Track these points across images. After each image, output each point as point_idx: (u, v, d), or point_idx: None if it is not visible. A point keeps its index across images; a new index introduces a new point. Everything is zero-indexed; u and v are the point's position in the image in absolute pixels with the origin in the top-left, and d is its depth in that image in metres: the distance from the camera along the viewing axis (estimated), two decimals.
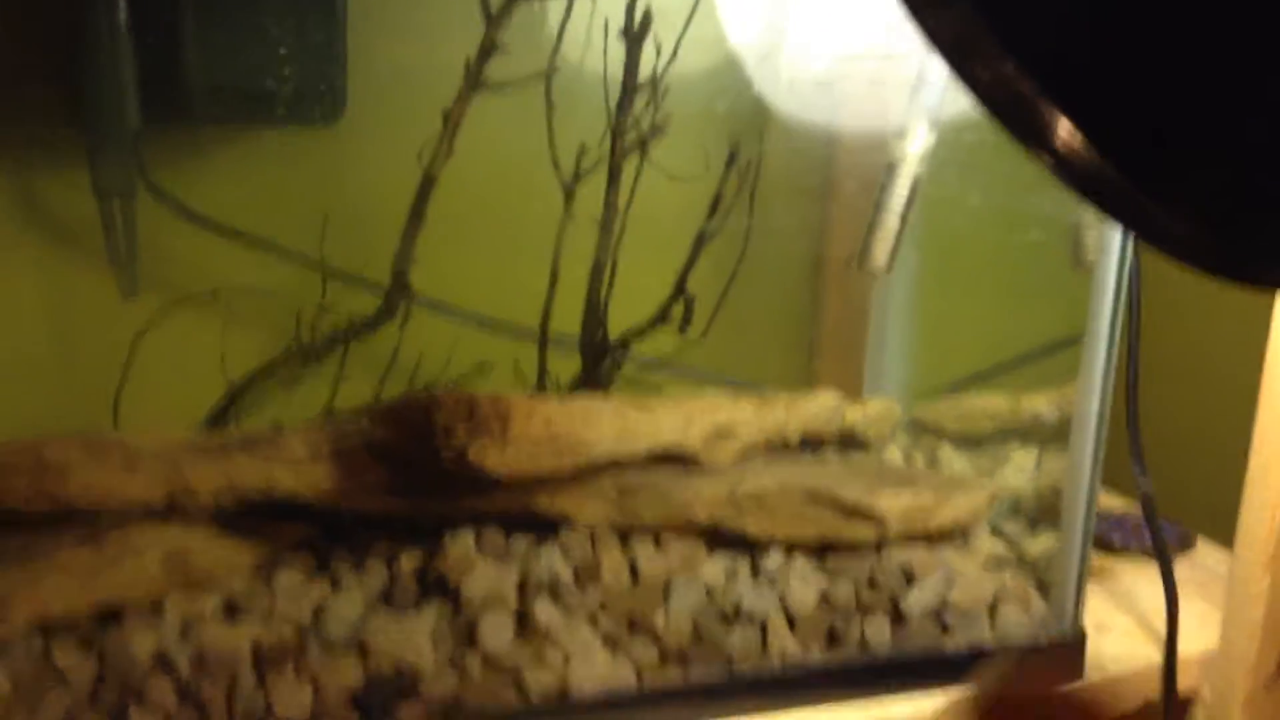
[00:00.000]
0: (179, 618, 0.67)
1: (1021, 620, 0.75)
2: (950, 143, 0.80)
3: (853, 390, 0.98)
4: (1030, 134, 0.43)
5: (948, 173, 0.80)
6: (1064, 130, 0.43)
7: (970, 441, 0.92)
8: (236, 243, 0.84)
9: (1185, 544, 0.98)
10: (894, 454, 0.91)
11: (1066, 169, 0.44)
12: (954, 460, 0.90)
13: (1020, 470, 0.88)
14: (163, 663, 0.63)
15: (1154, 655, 0.79)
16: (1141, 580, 0.91)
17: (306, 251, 0.83)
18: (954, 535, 0.79)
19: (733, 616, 0.71)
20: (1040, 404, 0.89)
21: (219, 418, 0.80)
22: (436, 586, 0.70)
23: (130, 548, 0.66)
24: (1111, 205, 0.45)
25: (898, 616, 0.73)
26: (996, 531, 0.83)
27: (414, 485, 0.71)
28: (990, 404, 0.90)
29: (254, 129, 0.86)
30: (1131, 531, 0.96)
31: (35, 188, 0.82)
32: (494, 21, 0.76)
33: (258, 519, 0.72)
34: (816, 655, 0.72)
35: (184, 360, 0.82)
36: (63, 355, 0.83)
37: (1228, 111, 0.44)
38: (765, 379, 0.98)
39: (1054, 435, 0.88)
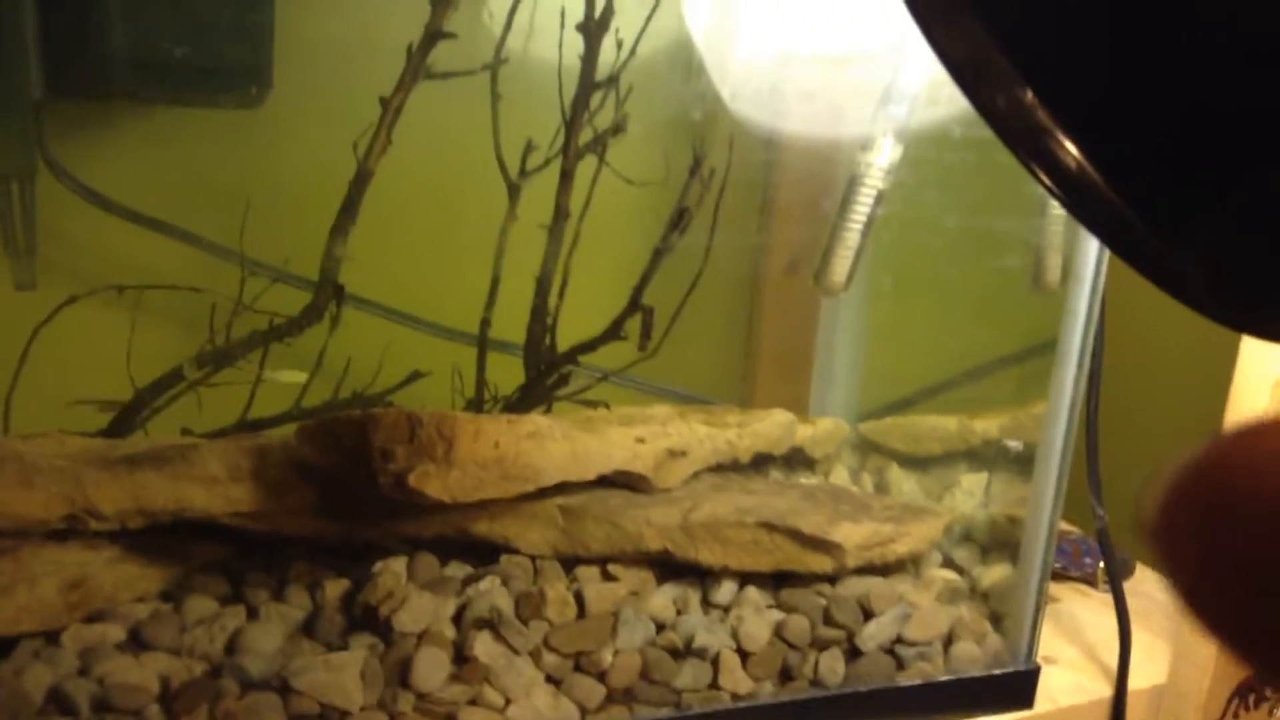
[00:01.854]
0: (78, 649, 0.60)
1: (975, 654, 0.73)
2: (912, 157, 0.77)
3: (795, 405, 0.95)
4: (1043, 165, 0.40)
5: (909, 188, 0.77)
6: (1079, 165, 0.40)
7: (918, 462, 0.89)
8: (147, 230, 0.77)
9: (1125, 570, 0.97)
10: (841, 473, 0.88)
11: (1079, 204, 0.41)
12: (902, 482, 0.88)
13: (969, 495, 0.86)
14: (59, 701, 0.57)
15: (1102, 687, 0.78)
16: (1084, 608, 0.89)
17: (225, 242, 0.77)
18: (908, 564, 0.76)
19: (683, 651, 0.67)
20: (990, 427, 0.86)
21: (123, 423, 0.73)
22: (365, 618, 0.64)
23: (24, 575, 0.60)
24: (1123, 244, 0.42)
25: (853, 651, 0.70)
26: (947, 560, 0.81)
27: (343, 508, 0.65)
28: (939, 425, 0.88)
29: (170, 107, 0.78)
30: (1071, 556, 0.95)
31: None
32: (441, 3, 0.70)
33: (164, 537, 0.66)
34: (769, 691, 0.68)
35: (85, 358, 0.75)
36: None
37: (1255, 157, 0.42)
38: (705, 390, 0.94)
39: (1002, 460, 0.86)
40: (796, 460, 0.87)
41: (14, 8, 0.72)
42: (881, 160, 0.75)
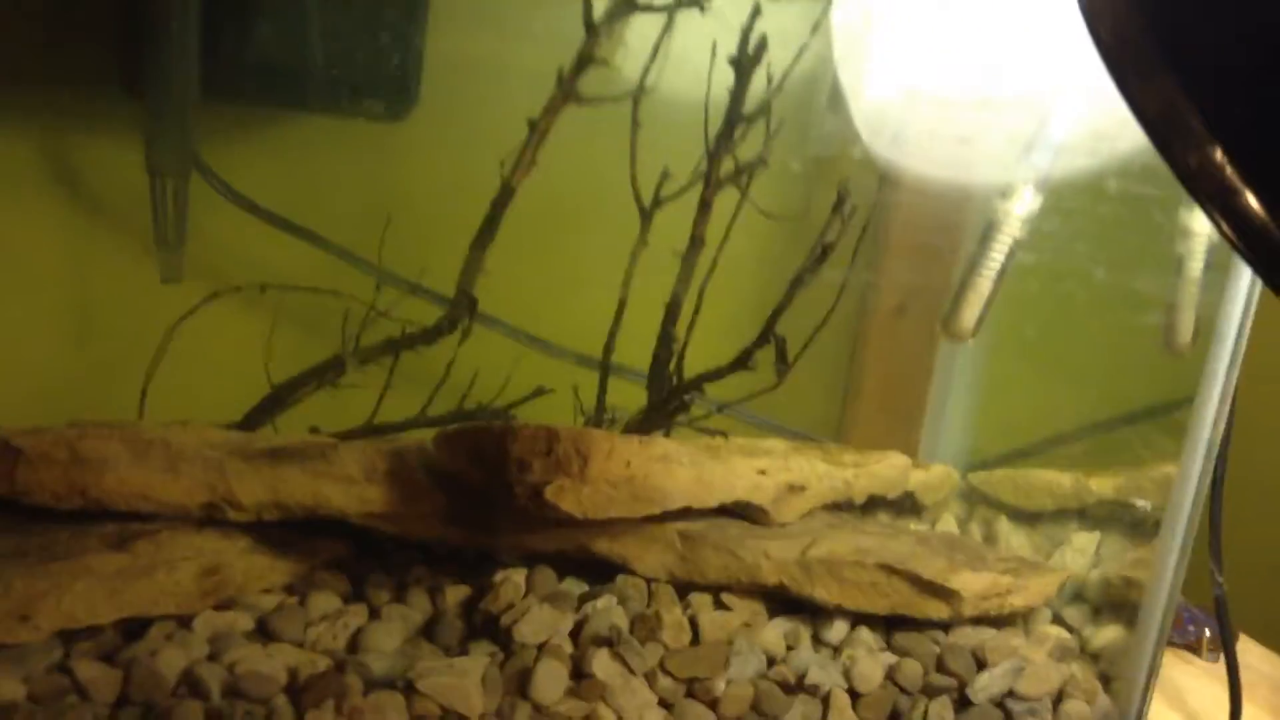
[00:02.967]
0: (208, 635, 0.62)
1: (1085, 714, 0.72)
2: (1051, 207, 0.77)
3: (899, 449, 0.94)
4: (1232, 223, 0.40)
5: (1046, 237, 0.77)
6: (1265, 223, 0.40)
7: (1026, 516, 0.88)
8: (289, 235, 0.79)
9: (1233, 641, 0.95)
10: (949, 521, 0.87)
11: (1265, 263, 0.41)
12: (1011, 535, 0.87)
13: (1080, 553, 0.85)
14: (191, 684, 0.58)
15: None
16: (1186, 675, 0.88)
17: (362, 251, 0.79)
18: (1020, 618, 0.76)
19: (794, 687, 0.67)
20: (1106, 486, 0.85)
21: (256, 418, 0.74)
22: (485, 626, 0.65)
23: (163, 557, 0.61)
24: None
25: (963, 701, 0.69)
26: (1057, 618, 0.80)
27: (473, 517, 0.66)
28: (1053, 480, 0.87)
29: (319, 116, 0.81)
30: (1179, 624, 0.93)
31: (84, 159, 0.77)
32: (594, 31, 0.72)
33: (292, 532, 0.68)
34: None
35: (221, 353, 0.77)
36: (99, 337, 0.77)
37: None
38: (800, 427, 0.94)
39: (1115, 520, 0.85)
40: (904, 505, 0.86)
41: (179, 13, 0.75)
42: (1020, 209, 0.74)
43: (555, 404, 0.78)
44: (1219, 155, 0.40)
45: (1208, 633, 0.93)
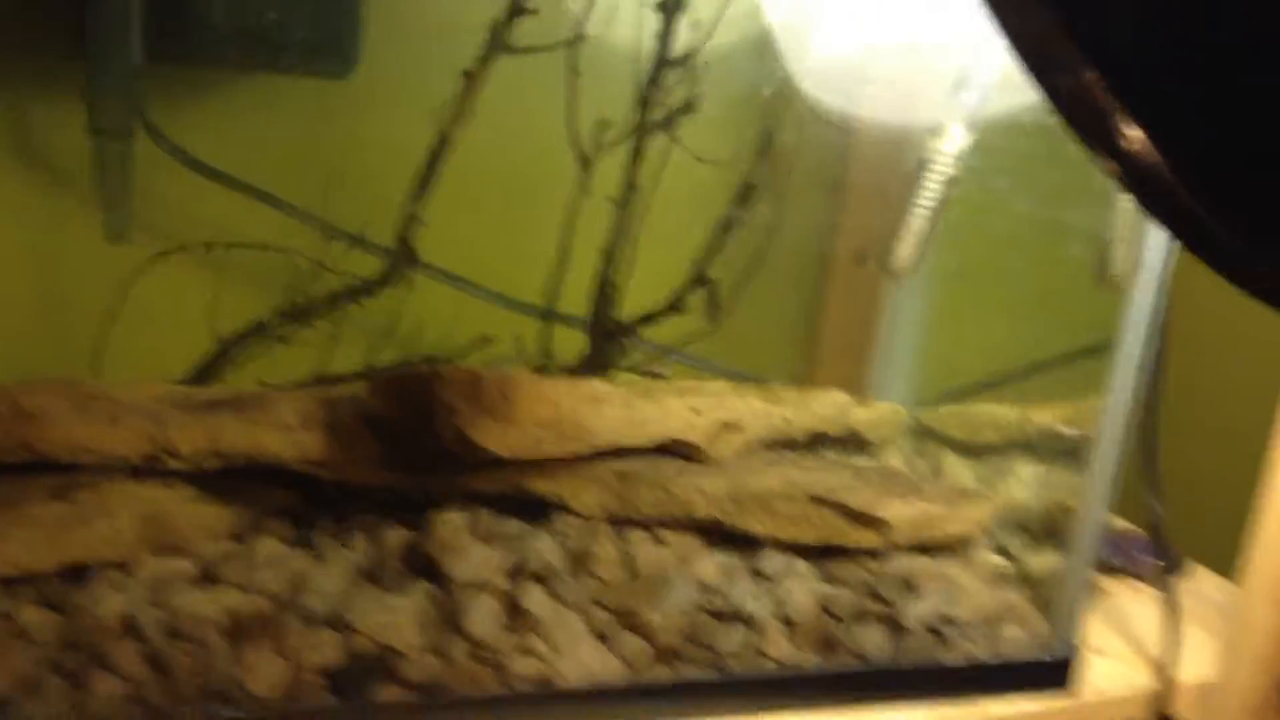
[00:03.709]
0: (150, 581, 0.64)
1: (1020, 638, 0.73)
2: (983, 145, 0.78)
3: (855, 389, 0.95)
4: (1103, 143, 0.41)
5: (979, 175, 0.78)
6: (1137, 142, 0.41)
7: (974, 451, 0.90)
8: (234, 192, 0.80)
9: (1179, 568, 0.96)
10: (896, 458, 0.89)
11: (1136, 181, 0.41)
12: (958, 469, 0.88)
13: (1024, 484, 0.86)
14: (131, 627, 0.60)
15: (1146, 679, 0.78)
16: (1134, 602, 0.89)
17: (308, 207, 0.80)
18: (956, 547, 0.77)
19: (728, 616, 0.68)
20: (1049, 418, 0.87)
21: (205, 373, 0.76)
22: (424, 566, 0.67)
23: (104, 506, 0.63)
24: (1176, 221, 0.43)
25: (897, 627, 0.71)
26: (998, 546, 0.81)
27: (408, 460, 0.68)
28: (997, 414, 0.88)
29: (263, 75, 0.82)
30: (1131, 554, 0.95)
31: (28, 120, 0.78)
32: None
33: (237, 481, 0.69)
34: (812, 660, 0.69)
35: (171, 311, 0.78)
36: (45, 297, 0.79)
37: None
38: (764, 372, 0.96)
39: (1061, 451, 0.86)
40: (852, 443, 0.88)
41: None
42: (950, 147, 0.75)
43: (499, 353, 0.79)
44: (1094, 78, 0.41)
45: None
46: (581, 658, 0.65)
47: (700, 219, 0.84)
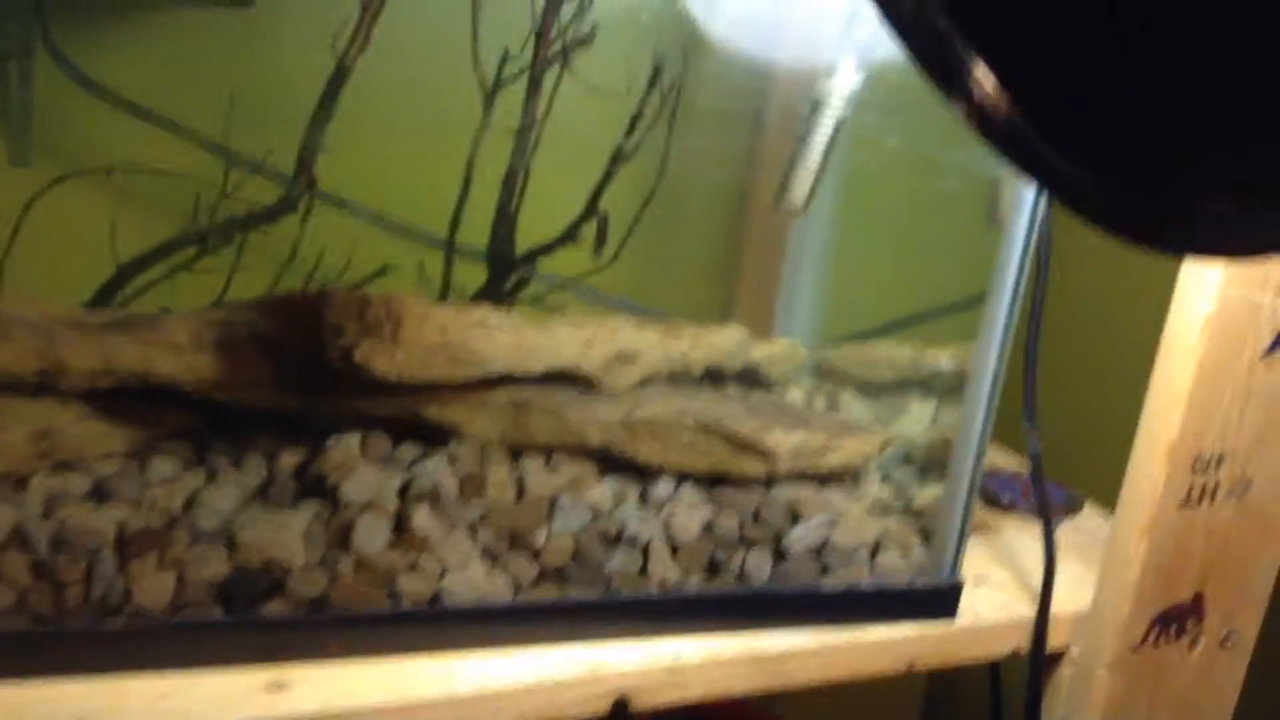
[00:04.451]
0: (43, 495, 0.64)
1: (900, 565, 0.76)
2: (878, 84, 0.79)
3: (766, 329, 0.98)
4: (947, 76, 0.43)
5: (871, 116, 0.80)
6: (979, 75, 0.43)
7: (872, 389, 0.92)
8: (137, 118, 0.81)
9: (1073, 507, 1.00)
10: (796, 395, 0.91)
11: (979, 116, 0.43)
12: (853, 406, 0.91)
13: (916, 421, 0.89)
14: (20, 538, 0.61)
15: (1026, 608, 0.81)
16: (1025, 539, 0.92)
17: (210, 134, 0.80)
18: (844, 478, 0.80)
19: (615, 539, 0.70)
20: (942, 357, 0.89)
21: (105, 297, 0.77)
22: (315, 486, 0.68)
23: None
24: (1019, 156, 0.45)
25: (779, 553, 0.73)
26: (887, 479, 0.84)
27: (301, 382, 0.69)
28: (893, 353, 0.91)
29: (168, 3, 0.82)
30: (1022, 492, 0.98)
31: None
32: None
33: (136, 403, 0.70)
34: (695, 583, 0.72)
35: (73, 236, 0.79)
36: None
37: (1134, 65, 0.44)
38: (680, 311, 0.97)
39: (953, 389, 0.89)
40: (753, 379, 0.90)
41: None
42: (842, 86, 0.77)
43: (400, 283, 0.80)
44: (934, 2, 0.43)
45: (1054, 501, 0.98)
46: (469, 577, 0.67)
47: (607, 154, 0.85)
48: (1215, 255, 0.66)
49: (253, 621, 0.63)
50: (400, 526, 0.66)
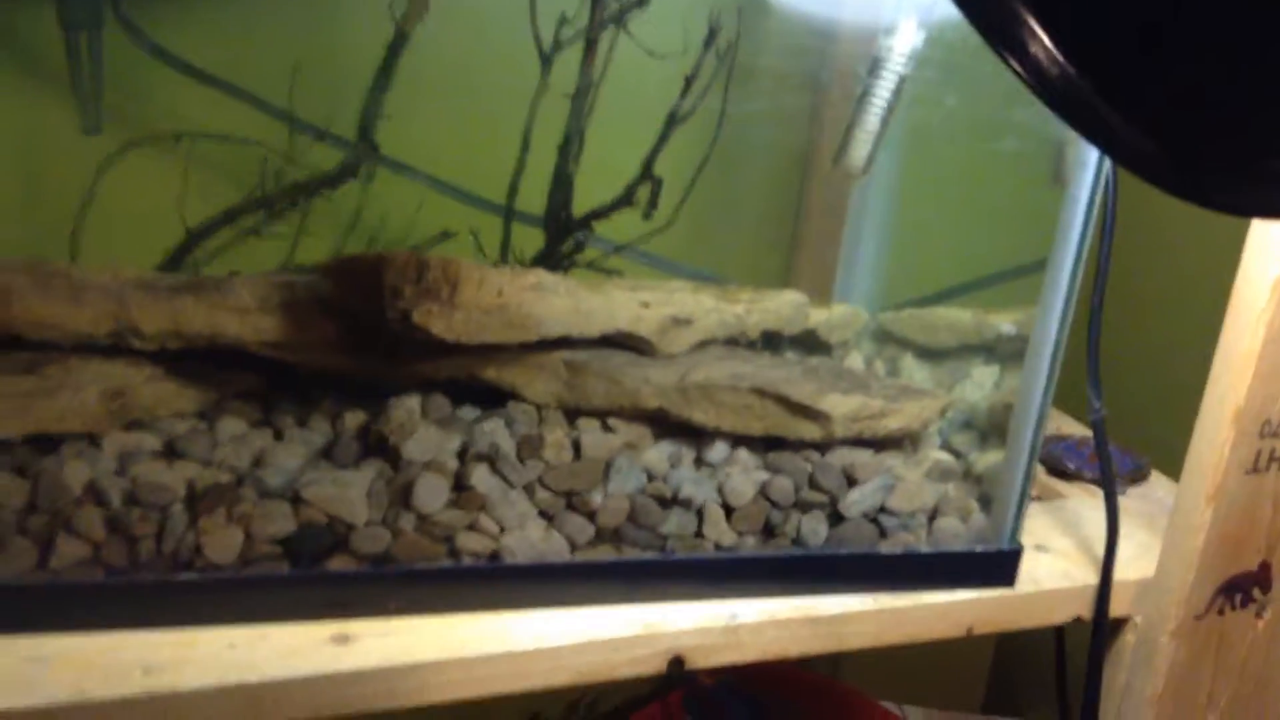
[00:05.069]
0: (116, 452, 0.67)
1: (959, 530, 0.76)
2: (939, 43, 0.78)
3: (826, 293, 0.97)
4: (1005, 38, 0.42)
5: (932, 74, 0.78)
6: (1036, 35, 0.42)
7: (934, 354, 0.91)
8: (204, 86, 0.82)
9: (1139, 475, 0.98)
10: (855, 360, 0.91)
11: (1037, 77, 0.43)
12: (915, 371, 0.90)
13: (978, 386, 0.88)
14: (95, 494, 0.63)
15: (1089, 576, 0.80)
16: (1089, 507, 0.91)
17: (276, 101, 0.82)
18: (903, 443, 0.79)
19: (670, 501, 0.71)
20: (1005, 321, 0.88)
21: (175, 262, 0.79)
22: (378, 447, 0.70)
23: (70, 380, 0.66)
24: (1077, 116, 0.44)
25: (836, 516, 0.73)
26: (947, 444, 0.83)
27: (363, 344, 0.70)
28: (954, 317, 0.90)
29: None
30: (1087, 459, 0.97)
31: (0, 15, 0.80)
32: None
33: (205, 365, 0.72)
34: (751, 545, 0.72)
35: (144, 201, 0.81)
36: (21, 187, 0.81)
37: (1191, 28, 0.43)
38: (739, 276, 0.97)
39: (1016, 353, 0.88)
40: (812, 344, 0.89)
41: None
42: (902, 45, 0.76)
43: (460, 248, 0.81)
44: None
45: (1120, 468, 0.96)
46: (527, 536, 0.68)
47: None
48: (1271, 215, 0.65)
49: (317, 576, 0.65)
50: (459, 486, 0.68)
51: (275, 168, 0.80)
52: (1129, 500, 0.94)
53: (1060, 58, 0.43)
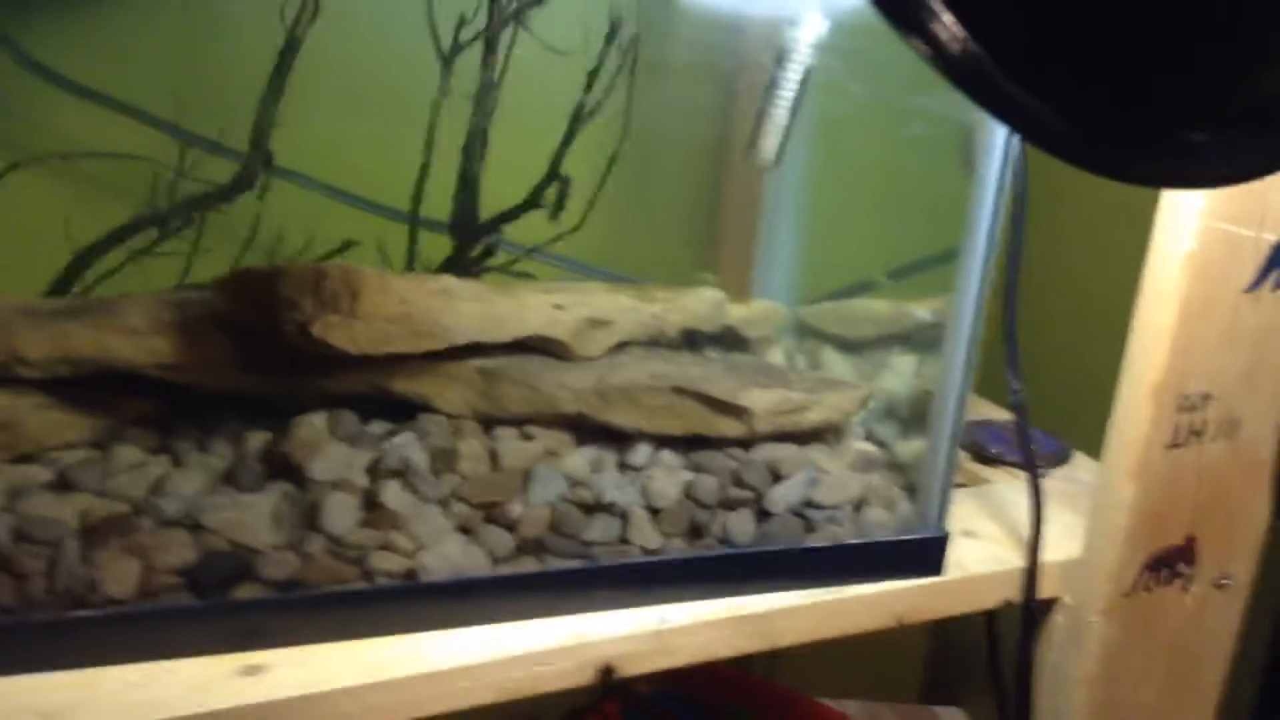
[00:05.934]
0: (3, 489, 0.63)
1: (885, 520, 0.75)
2: (845, 31, 0.77)
3: (745, 289, 0.96)
4: (908, 19, 0.41)
5: (839, 63, 0.78)
6: (942, 17, 0.41)
7: (852, 346, 0.91)
8: (87, 101, 0.79)
9: (1062, 457, 0.98)
10: (776, 355, 0.89)
11: (943, 57, 0.42)
12: (836, 363, 0.89)
13: (898, 375, 0.87)
14: None
15: (1016, 559, 0.80)
16: (1013, 490, 0.91)
17: (161, 114, 0.78)
18: (825, 436, 0.78)
19: (593, 507, 0.69)
20: (922, 310, 0.88)
21: (63, 286, 0.75)
22: (283, 468, 0.67)
23: None
24: (985, 95, 0.44)
25: (762, 513, 0.72)
26: (870, 434, 0.82)
27: (263, 362, 0.67)
28: (872, 308, 0.89)
29: None
30: (1010, 443, 0.97)
31: None
32: None
33: (99, 391, 0.69)
34: (678, 547, 0.70)
35: (29, 224, 0.77)
36: None
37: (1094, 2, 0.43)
38: (656, 275, 0.96)
39: (935, 341, 0.88)
40: (732, 341, 0.88)
41: None
42: (808, 35, 0.75)
43: (363, 258, 0.78)
44: None
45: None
46: (445, 551, 0.66)
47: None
48: (1189, 185, 0.65)
49: (223, 606, 0.62)
50: (370, 504, 0.65)
51: (167, 183, 0.77)
52: (1053, 482, 0.94)
53: (962, 34, 0.42)
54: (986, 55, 0.42)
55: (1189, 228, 0.70)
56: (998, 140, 0.69)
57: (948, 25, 0.41)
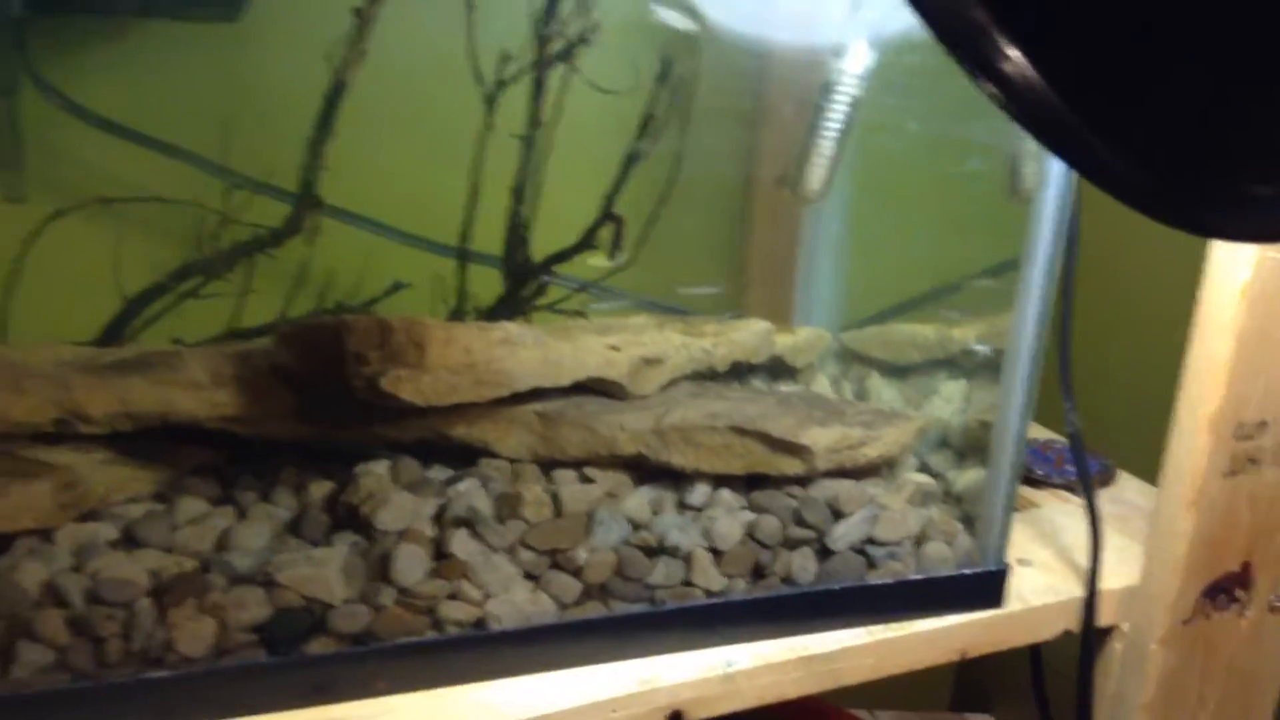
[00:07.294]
0: (72, 547, 0.63)
1: (945, 554, 0.75)
2: (890, 64, 0.77)
3: (783, 317, 0.96)
4: (979, 62, 0.41)
5: (886, 95, 0.77)
6: (1013, 60, 0.41)
7: (898, 371, 0.91)
8: (131, 144, 0.78)
9: (1106, 477, 0.98)
10: (822, 382, 0.89)
11: (1014, 100, 0.41)
12: (882, 390, 0.89)
13: (947, 402, 0.87)
14: (54, 594, 0.59)
15: (1074, 588, 0.80)
16: (1062, 513, 0.91)
17: (207, 156, 0.78)
18: (881, 469, 0.78)
19: (656, 550, 0.69)
20: (968, 335, 0.87)
21: (114, 333, 0.75)
22: (348, 518, 0.66)
23: (18, 473, 0.62)
24: (1055, 139, 0.43)
25: (824, 551, 0.72)
26: (923, 465, 0.82)
27: (324, 411, 0.67)
28: (918, 333, 0.89)
29: (148, 20, 0.79)
30: (1054, 463, 0.97)
31: None
32: None
33: (156, 443, 0.68)
34: (741, 589, 0.70)
35: (76, 270, 0.76)
36: None
37: (1170, 55, 0.42)
38: (694, 304, 0.95)
39: (981, 368, 0.88)
40: (778, 370, 0.88)
41: None
42: (854, 66, 0.75)
43: (414, 297, 0.78)
44: (980, 17, 0.41)
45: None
46: (513, 599, 0.65)
47: (615, 154, 0.83)
48: (1258, 239, 0.64)
49: (297, 661, 0.61)
50: (439, 554, 0.65)
51: (212, 227, 0.76)
52: (1101, 504, 0.94)
53: (1032, 74, 0.41)
54: (1061, 101, 0.42)
55: (1244, 258, 0.70)
56: (1054, 168, 0.69)
57: (1015, 62, 0.41)
